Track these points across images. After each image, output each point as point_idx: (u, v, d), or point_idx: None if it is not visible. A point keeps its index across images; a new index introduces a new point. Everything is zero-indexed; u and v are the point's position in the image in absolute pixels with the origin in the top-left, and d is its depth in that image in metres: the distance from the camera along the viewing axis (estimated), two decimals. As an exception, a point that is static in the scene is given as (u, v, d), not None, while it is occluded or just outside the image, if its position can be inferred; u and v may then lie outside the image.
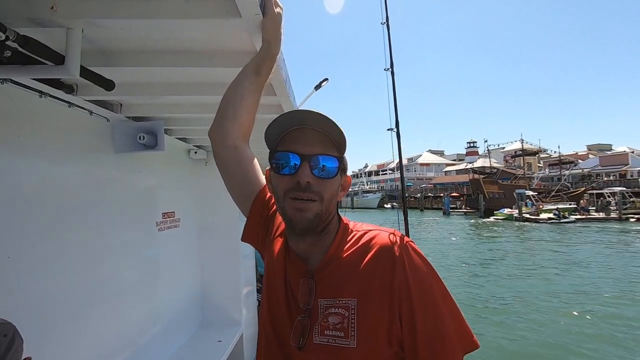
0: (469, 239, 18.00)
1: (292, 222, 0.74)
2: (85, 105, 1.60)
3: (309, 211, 0.72)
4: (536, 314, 6.80)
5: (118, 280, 1.89)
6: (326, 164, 0.74)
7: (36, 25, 0.89)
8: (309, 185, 0.72)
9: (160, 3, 0.87)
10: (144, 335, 2.15)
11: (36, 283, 1.34)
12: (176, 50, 1.23)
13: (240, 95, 0.94)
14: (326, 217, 0.76)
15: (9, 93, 1.23)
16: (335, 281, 0.75)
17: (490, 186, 34.56)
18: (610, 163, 41.88)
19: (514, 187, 33.73)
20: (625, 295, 7.72)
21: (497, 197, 33.38)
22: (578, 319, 6.48)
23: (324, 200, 0.74)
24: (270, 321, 0.81)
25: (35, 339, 1.31)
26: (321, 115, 0.73)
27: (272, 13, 0.90)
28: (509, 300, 7.77)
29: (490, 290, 8.54)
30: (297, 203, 0.72)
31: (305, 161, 0.73)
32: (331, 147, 0.76)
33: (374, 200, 49.93)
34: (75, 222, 1.56)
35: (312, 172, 0.72)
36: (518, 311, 7.02)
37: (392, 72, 4.53)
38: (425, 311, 0.69)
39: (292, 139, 0.76)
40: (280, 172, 0.75)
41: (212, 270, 3.03)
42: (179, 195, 2.71)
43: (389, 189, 57.46)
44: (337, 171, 0.75)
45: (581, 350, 5.29)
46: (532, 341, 5.68)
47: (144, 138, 1.85)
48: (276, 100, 1.62)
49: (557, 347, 5.45)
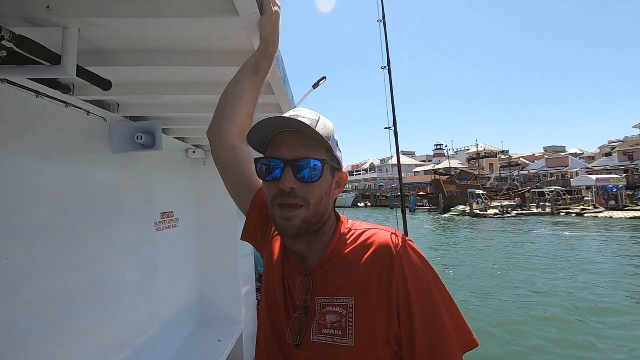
0: (430, 230, 22.49)
1: (281, 230, 0.74)
2: (82, 105, 1.59)
3: (296, 218, 0.72)
4: (477, 279, 9.72)
5: (117, 281, 1.88)
6: (310, 168, 0.71)
7: (32, 25, 0.88)
8: (293, 191, 0.71)
9: (157, 2, 0.86)
10: (144, 335, 2.15)
11: (34, 284, 1.33)
12: (173, 49, 1.23)
13: (239, 95, 0.94)
14: (318, 220, 0.75)
15: (5, 93, 1.22)
16: (333, 280, 0.75)
17: (449, 186, 39.08)
18: (554, 165, 46.96)
19: (468, 186, 38.27)
20: (531, 267, 10.99)
21: (455, 196, 37.48)
22: (503, 279, 9.56)
23: (311, 204, 0.72)
24: (268, 319, 0.82)
25: (34, 339, 1.31)
26: (302, 123, 0.70)
27: (270, 12, 0.90)
28: (458, 270, 10.74)
29: (444, 264, 11.57)
30: (284, 212, 0.72)
31: (288, 166, 0.71)
32: (317, 149, 0.73)
33: (348, 199, 51.81)
34: (73, 223, 1.56)
35: (296, 177, 0.71)
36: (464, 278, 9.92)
37: (390, 70, 4.52)
38: (423, 310, 0.69)
39: (277, 143, 0.74)
40: (265, 179, 0.75)
41: (211, 269, 3.03)
42: (177, 195, 2.70)
43: (363, 189, 62.37)
44: (321, 174, 0.72)
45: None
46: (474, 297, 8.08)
47: (142, 138, 1.84)
48: (274, 99, 1.62)
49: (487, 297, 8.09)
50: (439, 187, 38.69)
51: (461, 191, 37.42)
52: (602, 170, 37.69)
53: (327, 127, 0.76)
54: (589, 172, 37.47)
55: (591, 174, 35.89)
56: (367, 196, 57.87)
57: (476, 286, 8.90)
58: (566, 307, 7.18)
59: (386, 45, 4.59)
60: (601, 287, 8.40)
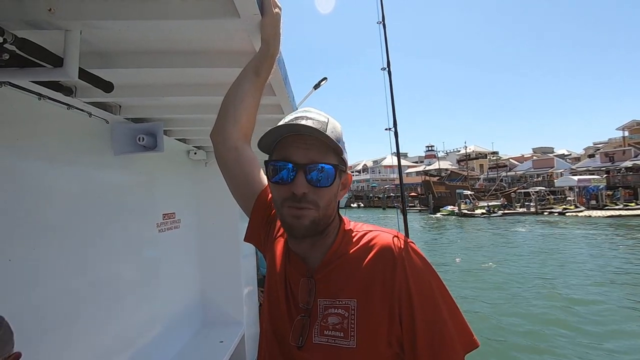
0: (420, 228, 24.04)
1: (290, 228, 0.74)
2: (84, 107, 1.60)
3: (305, 218, 0.71)
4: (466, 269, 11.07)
5: (119, 282, 1.89)
6: (322, 172, 0.71)
7: (34, 28, 0.89)
8: (305, 195, 0.71)
9: (158, 4, 0.86)
10: (146, 335, 2.16)
11: (37, 285, 1.34)
12: (175, 51, 1.23)
13: (241, 97, 0.94)
14: (325, 221, 0.75)
15: (8, 96, 1.22)
16: (335, 281, 0.75)
17: (439, 187, 41.07)
18: (540, 166, 48.43)
19: (457, 187, 39.92)
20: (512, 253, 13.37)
21: (444, 196, 39.08)
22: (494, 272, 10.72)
23: (321, 207, 0.72)
24: (270, 321, 0.82)
25: (36, 340, 1.31)
26: (313, 129, 0.70)
27: (271, 13, 0.90)
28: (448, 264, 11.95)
29: (436, 259, 12.56)
30: (294, 210, 0.72)
31: (301, 171, 0.70)
32: (327, 152, 0.73)
33: (342, 200, 53.05)
34: (75, 224, 1.56)
35: (308, 182, 0.71)
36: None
37: (389, 71, 4.52)
38: (425, 311, 0.69)
39: (287, 145, 0.74)
40: (276, 181, 0.74)
41: (212, 270, 3.03)
42: (178, 196, 2.71)
43: (355, 190, 63.37)
44: (334, 179, 0.73)
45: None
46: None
47: (144, 139, 1.85)
48: (275, 100, 1.62)
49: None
50: (429, 188, 40.63)
51: (450, 192, 39.01)
52: (584, 171, 39.27)
53: (336, 130, 0.76)
54: (573, 173, 39.03)
55: (575, 174, 37.63)
56: (359, 197, 59.48)
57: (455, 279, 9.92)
58: (538, 293, 8.24)
59: (386, 47, 4.59)
60: (574, 277, 9.71)
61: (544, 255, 12.78)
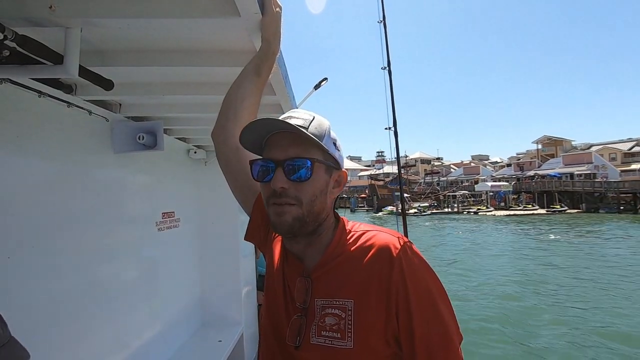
0: (369, 221, 29.15)
1: (275, 226, 0.75)
2: (84, 105, 1.60)
3: (287, 214, 0.72)
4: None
5: (118, 281, 1.89)
6: (301, 167, 0.71)
7: (34, 25, 0.89)
8: (284, 190, 0.71)
9: (159, 2, 0.86)
10: (144, 335, 2.15)
11: (36, 284, 1.34)
12: (175, 49, 1.23)
13: (241, 96, 0.95)
14: (313, 219, 0.74)
15: (8, 93, 1.22)
16: (332, 281, 0.75)
17: (382, 190, 48.86)
18: (469, 172, 58.91)
19: (396, 190, 45.46)
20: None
21: (386, 198, 45.93)
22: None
23: (304, 203, 0.72)
24: (269, 320, 0.82)
25: (35, 339, 1.31)
26: (289, 124, 0.71)
27: (271, 12, 0.90)
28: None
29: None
30: (276, 207, 0.73)
31: (279, 167, 0.71)
32: (309, 148, 0.73)
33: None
34: (74, 223, 1.56)
35: (287, 177, 0.71)
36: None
37: (390, 70, 4.54)
38: (422, 310, 0.69)
39: (271, 145, 0.75)
40: (261, 180, 0.76)
41: (212, 269, 3.03)
42: (178, 195, 2.70)
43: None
44: (311, 173, 0.72)
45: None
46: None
47: (144, 138, 1.85)
48: (275, 100, 1.62)
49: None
50: (374, 191, 49.27)
51: (392, 194, 44.92)
52: (501, 178, 50.49)
53: (321, 126, 0.75)
54: (494, 180, 49.16)
55: (495, 181, 47.92)
56: (341, 198, 65.45)
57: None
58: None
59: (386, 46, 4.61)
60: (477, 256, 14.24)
61: (450, 236, 19.20)
